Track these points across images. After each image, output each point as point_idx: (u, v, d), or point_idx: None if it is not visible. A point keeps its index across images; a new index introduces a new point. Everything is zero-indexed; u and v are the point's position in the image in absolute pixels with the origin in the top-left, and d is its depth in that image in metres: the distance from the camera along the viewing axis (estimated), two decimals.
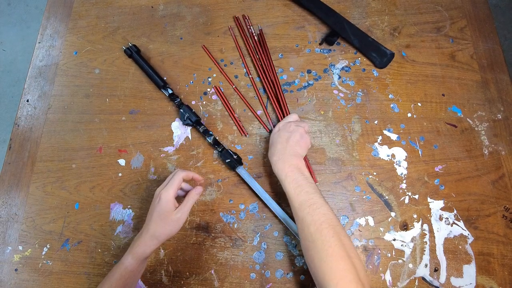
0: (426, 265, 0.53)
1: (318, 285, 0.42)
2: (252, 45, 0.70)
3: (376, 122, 0.62)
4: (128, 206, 0.62)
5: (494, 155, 0.59)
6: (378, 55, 0.66)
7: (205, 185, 0.61)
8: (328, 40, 0.68)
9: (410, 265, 0.54)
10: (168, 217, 0.47)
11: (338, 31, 0.67)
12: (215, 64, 0.70)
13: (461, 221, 0.55)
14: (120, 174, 0.64)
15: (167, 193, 0.47)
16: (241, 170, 0.60)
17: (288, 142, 0.54)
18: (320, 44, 0.69)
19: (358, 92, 0.65)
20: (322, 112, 0.64)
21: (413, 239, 0.55)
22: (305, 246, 0.44)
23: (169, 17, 0.76)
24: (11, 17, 1.85)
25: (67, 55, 0.76)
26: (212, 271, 0.56)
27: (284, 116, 0.63)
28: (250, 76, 0.68)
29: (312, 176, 0.53)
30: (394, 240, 0.55)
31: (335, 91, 0.65)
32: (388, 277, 0.53)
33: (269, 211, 0.58)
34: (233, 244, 0.58)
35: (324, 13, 0.69)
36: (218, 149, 0.62)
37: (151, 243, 0.47)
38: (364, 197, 0.58)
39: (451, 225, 0.55)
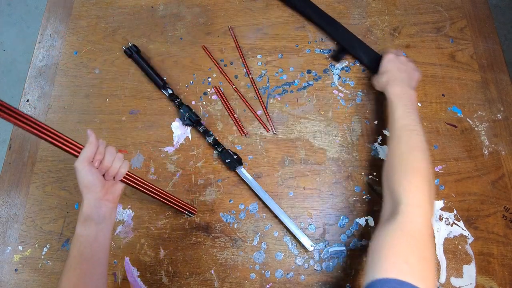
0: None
1: (391, 196, 0.44)
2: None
3: (376, 122, 0.62)
4: (128, 206, 0.62)
5: (494, 155, 0.59)
6: None
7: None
8: (336, 56, 0.67)
9: None
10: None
11: (347, 48, 0.66)
12: (215, 64, 0.70)
13: (461, 221, 0.55)
14: None
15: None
16: (241, 170, 0.60)
17: (407, 73, 0.57)
18: (328, 58, 0.68)
19: (358, 92, 0.65)
20: (322, 112, 0.64)
21: None
22: (392, 160, 0.47)
23: (169, 17, 0.76)
24: (11, 17, 1.85)
25: (67, 55, 0.76)
26: (212, 271, 0.56)
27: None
28: (250, 76, 0.68)
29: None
30: None
31: (335, 91, 0.65)
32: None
33: (269, 211, 0.58)
34: (233, 244, 0.58)
35: (333, 29, 0.68)
36: (218, 149, 0.62)
37: (82, 202, 0.45)
38: (364, 197, 0.58)
39: (451, 225, 0.55)
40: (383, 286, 0.33)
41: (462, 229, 0.55)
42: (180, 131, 0.66)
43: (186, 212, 0.57)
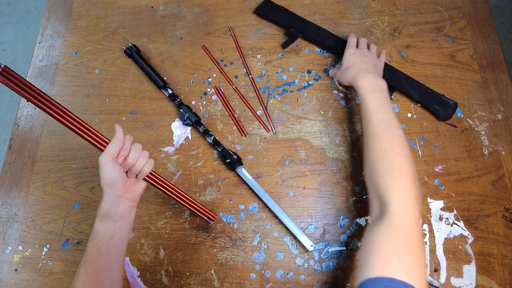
0: (426, 265, 0.53)
1: (377, 197, 0.43)
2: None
3: None
4: None
5: (494, 155, 0.59)
6: (441, 107, 0.61)
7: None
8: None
9: None
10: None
11: (394, 85, 0.63)
12: (215, 64, 0.70)
13: (461, 221, 0.55)
14: None
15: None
16: (241, 170, 0.60)
17: (368, 63, 0.57)
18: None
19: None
20: (322, 112, 0.64)
21: None
22: (373, 160, 0.46)
23: (169, 17, 0.76)
24: (11, 17, 1.85)
25: (67, 55, 0.76)
26: (212, 271, 0.56)
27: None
28: (250, 76, 0.68)
29: None
30: None
31: (335, 91, 0.65)
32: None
33: (269, 211, 0.58)
34: (233, 244, 0.58)
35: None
36: (218, 149, 0.62)
37: (103, 198, 0.44)
38: (364, 197, 0.58)
39: (451, 225, 0.55)
40: (376, 285, 0.33)
41: (462, 229, 0.55)
42: (180, 131, 0.66)
43: (206, 218, 0.56)
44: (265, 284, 0.55)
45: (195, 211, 0.54)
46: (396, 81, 0.63)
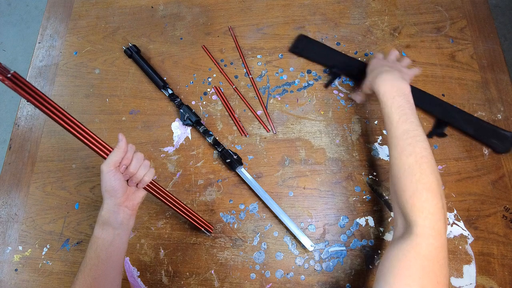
0: None
1: (402, 214, 0.41)
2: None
3: (376, 122, 0.62)
4: None
5: (494, 156, 0.59)
6: (499, 141, 0.58)
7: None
8: (438, 132, 0.60)
9: None
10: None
11: (447, 120, 0.60)
12: (215, 64, 0.70)
13: (461, 221, 0.55)
14: None
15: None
16: (241, 170, 0.60)
17: (392, 67, 0.53)
18: (430, 136, 0.61)
19: (358, 92, 0.65)
20: (322, 112, 0.64)
21: None
22: (398, 175, 0.43)
23: (169, 17, 0.76)
24: (11, 17, 1.85)
25: (67, 55, 0.76)
26: (212, 271, 0.56)
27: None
28: (250, 76, 0.68)
29: None
30: None
31: (335, 91, 0.65)
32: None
33: (269, 211, 0.58)
34: (233, 244, 0.58)
35: (427, 104, 0.61)
36: (218, 149, 0.62)
37: (103, 205, 0.45)
38: (364, 197, 0.58)
39: (451, 225, 0.55)
40: None
41: (462, 229, 0.55)
42: (180, 131, 0.66)
43: (203, 229, 0.55)
44: (265, 284, 0.55)
45: (194, 222, 0.54)
46: (449, 116, 0.60)
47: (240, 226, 0.58)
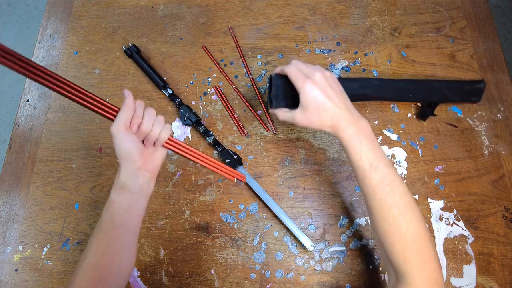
0: None
1: (394, 266, 0.39)
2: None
3: (376, 122, 0.62)
4: None
5: (494, 155, 0.59)
6: (475, 93, 0.59)
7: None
8: (427, 115, 0.60)
9: None
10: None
11: (430, 101, 0.59)
12: (215, 64, 0.70)
13: (461, 221, 0.55)
14: None
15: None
16: (241, 170, 0.60)
17: (334, 98, 0.43)
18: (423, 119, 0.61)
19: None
20: None
21: None
22: (383, 228, 0.40)
23: (169, 17, 0.76)
24: (11, 17, 1.85)
25: (67, 55, 0.76)
26: (212, 271, 0.56)
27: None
28: (250, 76, 0.68)
29: None
30: None
31: None
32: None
33: (269, 211, 0.58)
34: (233, 244, 0.58)
35: (404, 94, 0.59)
36: (218, 149, 0.62)
37: (120, 169, 0.42)
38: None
39: (451, 225, 0.55)
40: None
41: (462, 229, 0.55)
42: (180, 131, 0.66)
43: (235, 180, 0.51)
44: (265, 284, 0.55)
45: (224, 173, 0.49)
46: (427, 96, 0.59)
47: (240, 226, 0.58)
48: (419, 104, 0.62)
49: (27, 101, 0.73)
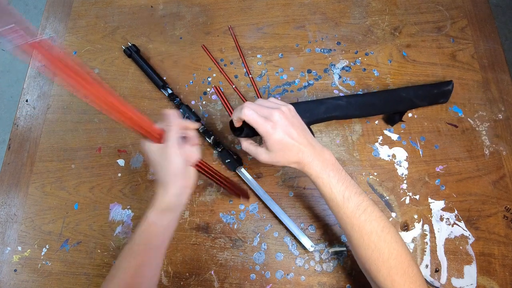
0: (427, 266, 0.53)
1: None
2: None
3: (376, 122, 0.62)
4: (128, 207, 0.62)
5: (495, 155, 0.58)
6: (444, 95, 0.60)
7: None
8: (391, 119, 0.61)
9: None
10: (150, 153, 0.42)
11: (398, 110, 0.60)
12: (215, 64, 0.70)
13: (462, 221, 0.55)
14: (119, 175, 0.64)
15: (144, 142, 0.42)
16: (241, 170, 0.60)
17: (295, 134, 0.42)
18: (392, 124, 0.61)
19: (359, 92, 0.64)
20: None
21: (413, 240, 0.55)
22: (366, 256, 0.41)
23: (169, 17, 0.76)
24: None
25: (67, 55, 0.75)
26: (212, 272, 0.56)
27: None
28: (250, 76, 0.68)
29: None
30: None
31: (336, 91, 0.65)
32: None
33: (269, 211, 0.58)
34: (233, 245, 0.57)
35: (370, 109, 0.59)
36: (218, 149, 0.62)
37: (158, 190, 0.42)
38: None
39: (452, 226, 0.55)
40: None
41: (463, 229, 0.55)
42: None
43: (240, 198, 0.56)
44: (265, 285, 0.55)
45: (244, 201, 0.54)
46: (396, 106, 0.59)
47: (240, 226, 0.58)
48: None
49: (26, 101, 0.73)
